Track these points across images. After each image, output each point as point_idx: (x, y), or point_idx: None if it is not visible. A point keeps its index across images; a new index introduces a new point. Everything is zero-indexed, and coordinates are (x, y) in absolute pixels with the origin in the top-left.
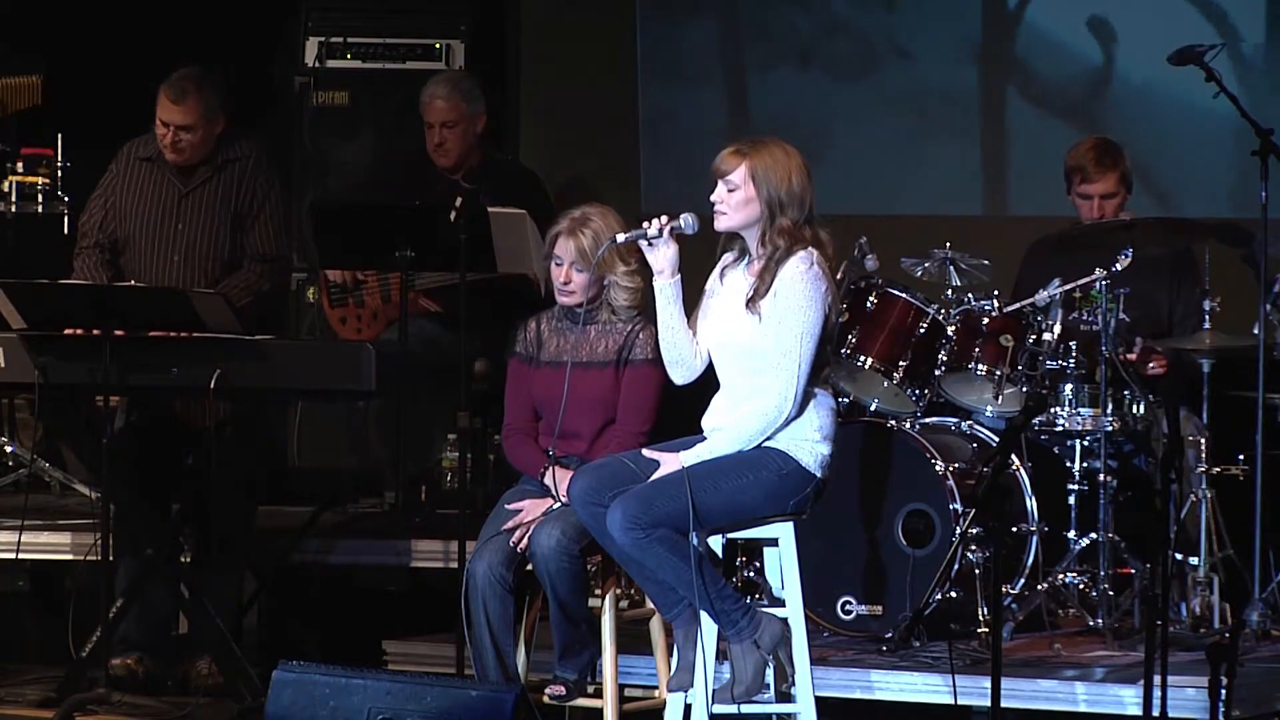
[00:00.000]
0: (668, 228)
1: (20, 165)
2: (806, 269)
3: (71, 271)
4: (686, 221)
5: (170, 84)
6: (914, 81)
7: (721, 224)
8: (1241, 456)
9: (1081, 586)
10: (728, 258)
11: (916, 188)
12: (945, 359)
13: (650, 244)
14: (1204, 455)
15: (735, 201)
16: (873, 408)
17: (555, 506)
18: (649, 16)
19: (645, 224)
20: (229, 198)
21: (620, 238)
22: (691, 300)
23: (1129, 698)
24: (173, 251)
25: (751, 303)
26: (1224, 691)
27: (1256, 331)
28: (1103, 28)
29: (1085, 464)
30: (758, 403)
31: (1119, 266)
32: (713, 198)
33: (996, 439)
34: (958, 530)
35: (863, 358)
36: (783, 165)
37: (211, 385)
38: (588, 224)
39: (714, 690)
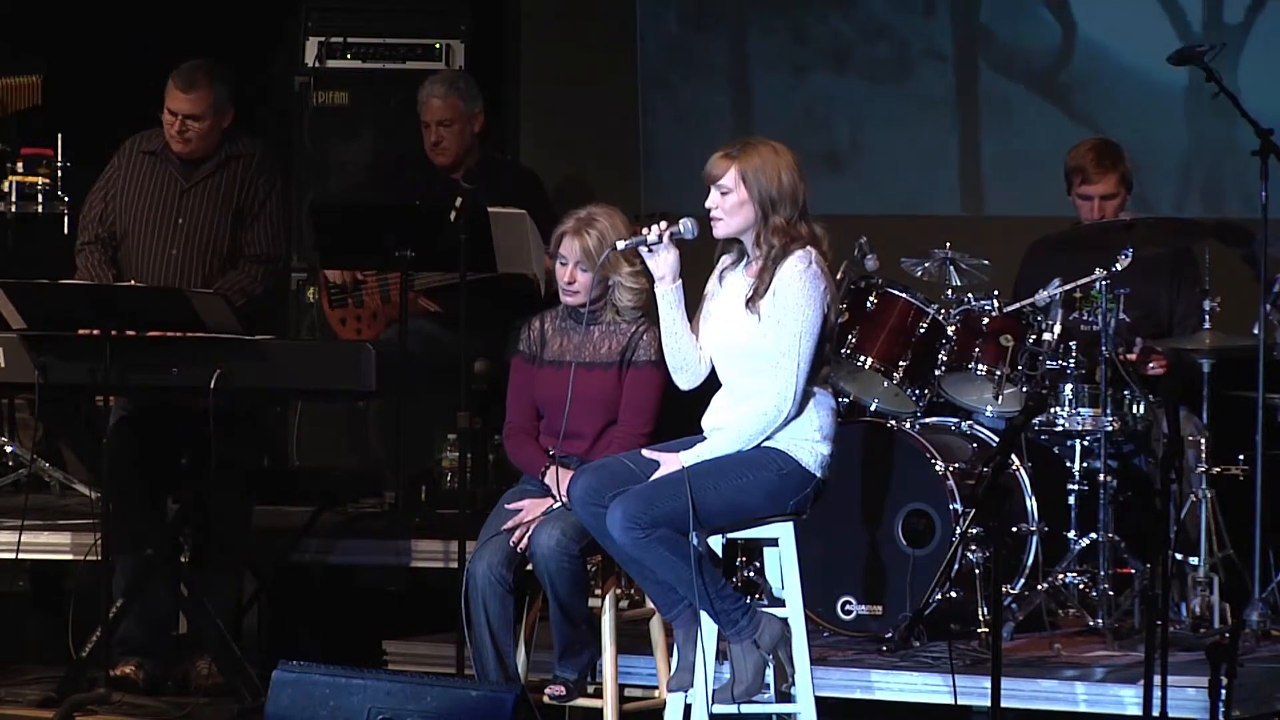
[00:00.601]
0: (667, 233)
1: (20, 165)
2: (805, 268)
3: (73, 270)
4: (686, 226)
5: (180, 73)
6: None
7: (719, 230)
8: (1241, 456)
9: (1081, 586)
10: (726, 260)
11: (921, 188)
12: (945, 359)
13: (650, 250)
14: (1204, 455)
15: (729, 205)
16: (873, 408)
17: (555, 506)
18: (649, 16)
19: (644, 230)
20: (231, 194)
21: (620, 244)
22: (693, 305)
23: (1129, 698)
24: (171, 245)
25: (751, 302)
26: (1224, 691)
27: (1256, 331)
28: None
29: (1085, 464)
30: (757, 402)
31: (1119, 266)
32: (707, 204)
33: (996, 439)
34: (958, 530)
35: (863, 358)
36: (772, 164)
37: (211, 385)
38: (593, 224)
39: (714, 690)
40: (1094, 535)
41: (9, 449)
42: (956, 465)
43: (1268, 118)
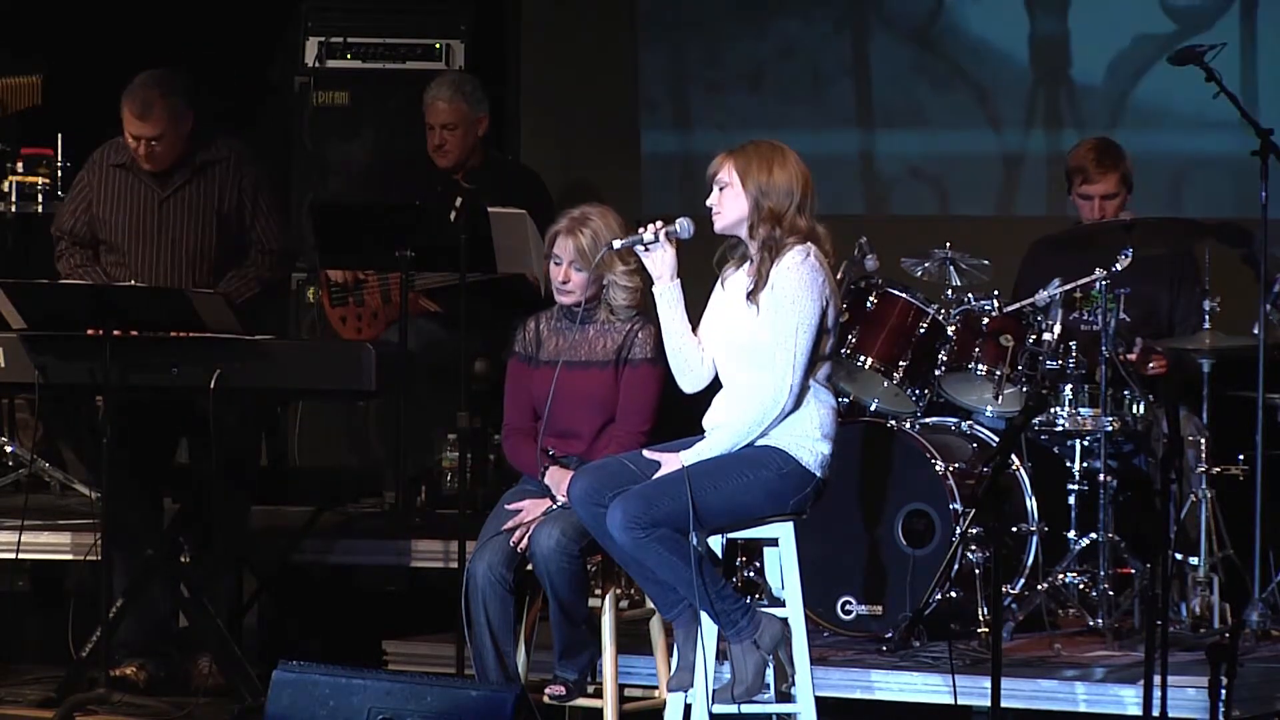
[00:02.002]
0: (663, 232)
1: (20, 165)
2: (801, 260)
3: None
4: (682, 225)
5: (131, 96)
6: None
7: (718, 224)
8: (1241, 456)
9: (1081, 586)
10: (728, 269)
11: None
12: (945, 359)
13: (647, 249)
14: (1204, 455)
15: (726, 199)
16: (873, 408)
17: (554, 507)
18: (649, 16)
19: (640, 229)
20: (211, 199)
21: (616, 244)
22: (695, 314)
23: (1129, 698)
24: (158, 255)
25: (751, 296)
26: (1224, 691)
27: (1256, 331)
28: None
29: (1085, 464)
30: (755, 397)
31: (1119, 266)
32: (708, 202)
33: (996, 439)
34: (958, 530)
35: (863, 358)
36: (767, 158)
37: (211, 385)
38: (587, 223)
39: (714, 690)
40: (1094, 535)
41: (9, 449)
42: (956, 465)
43: (1094, 91)
